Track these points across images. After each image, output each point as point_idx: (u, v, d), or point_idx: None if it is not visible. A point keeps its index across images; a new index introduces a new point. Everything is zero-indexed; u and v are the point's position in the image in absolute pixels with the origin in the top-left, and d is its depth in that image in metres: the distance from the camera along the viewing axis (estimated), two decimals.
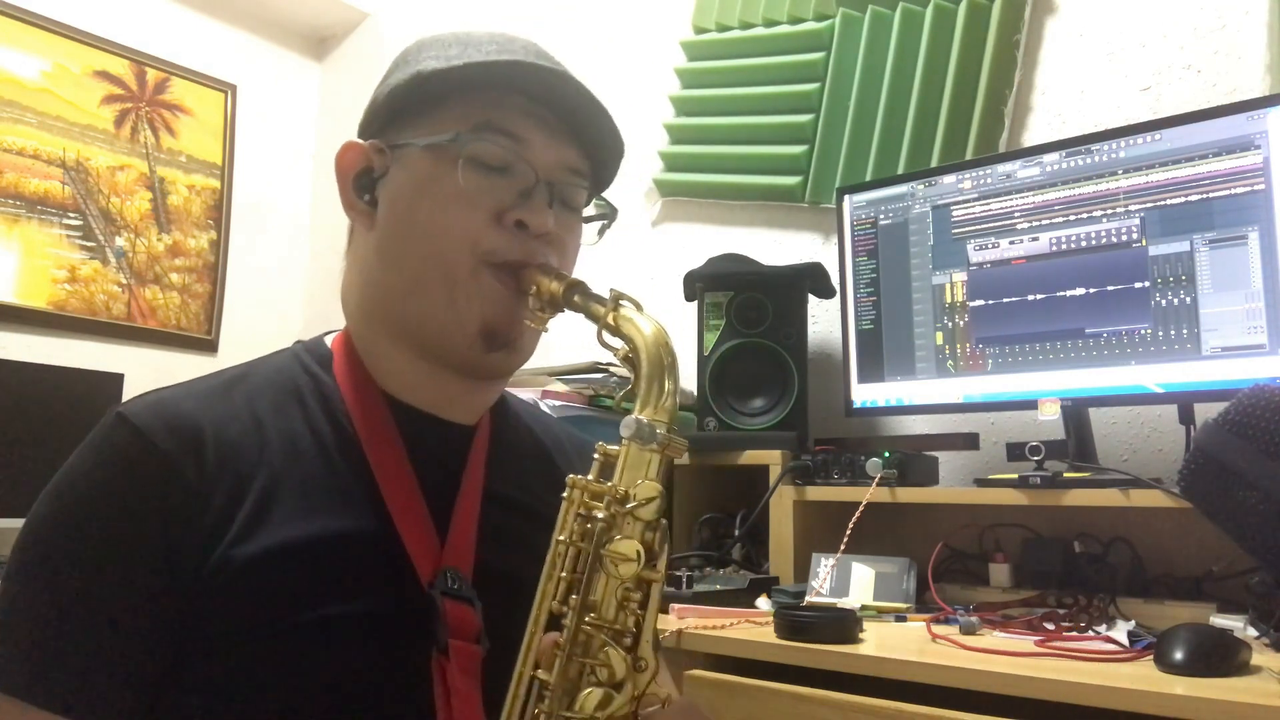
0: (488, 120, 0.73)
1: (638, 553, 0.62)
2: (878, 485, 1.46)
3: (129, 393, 2.21)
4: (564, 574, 0.63)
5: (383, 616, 0.67)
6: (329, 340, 0.81)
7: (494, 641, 0.69)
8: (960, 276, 1.56)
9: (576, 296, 0.71)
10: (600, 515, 0.63)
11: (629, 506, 0.63)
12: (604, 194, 0.83)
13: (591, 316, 0.70)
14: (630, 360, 0.68)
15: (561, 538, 0.64)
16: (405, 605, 0.67)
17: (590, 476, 0.65)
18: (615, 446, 0.66)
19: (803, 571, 1.52)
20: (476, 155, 0.72)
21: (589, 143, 0.78)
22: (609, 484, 0.64)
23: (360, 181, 0.78)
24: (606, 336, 0.70)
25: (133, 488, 0.64)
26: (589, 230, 0.82)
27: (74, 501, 0.65)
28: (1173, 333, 1.36)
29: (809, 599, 1.40)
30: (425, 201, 0.73)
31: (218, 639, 0.63)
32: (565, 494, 0.65)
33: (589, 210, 0.82)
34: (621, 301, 0.69)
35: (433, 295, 0.72)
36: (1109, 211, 1.43)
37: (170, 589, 0.63)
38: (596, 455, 0.66)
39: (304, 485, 0.69)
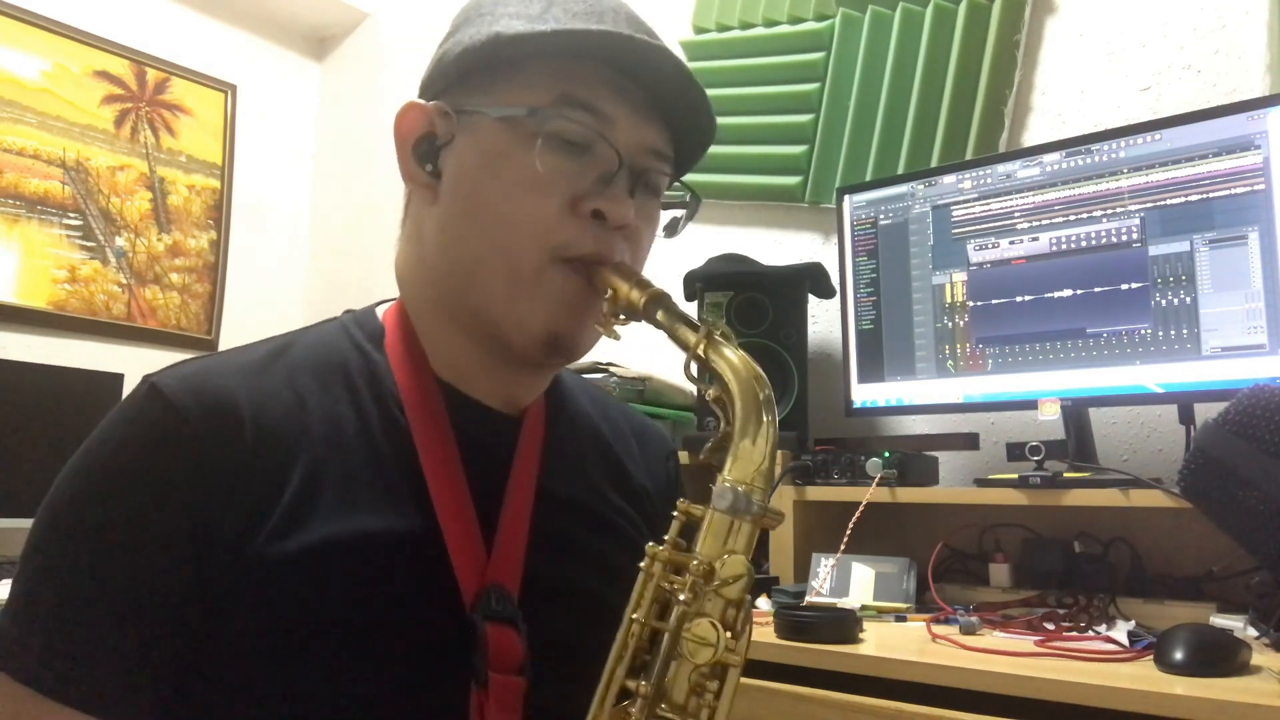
0: (570, 93, 0.65)
1: (718, 637, 0.55)
2: (878, 485, 1.46)
3: (130, 390, 2.21)
4: (632, 649, 0.58)
5: (419, 636, 0.62)
6: (380, 313, 0.74)
7: (540, 659, 0.63)
8: (960, 276, 1.56)
9: (660, 314, 0.64)
10: (682, 596, 0.57)
11: (714, 585, 0.56)
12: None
13: (679, 342, 0.63)
14: (720, 404, 0.61)
15: (636, 616, 0.58)
16: (444, 627, 0.62)
17: (668, 539, 0.59)
18: (698, 507, 0.59)
19: (803, 571, 1.52)
20: (555, 133, 0.64)
21: (678, 125, 0.70)
22: (691, 559, 0.57)
23: (421, 148, 0.69)
24: (693, 369, 0.63)
25: (161, 469, 0.60)
26: (663, 219, 0.74)
27: (97, 479, 0.60)
28: (1173, 333, 1.36)
29: (809, 599, 1.40)
30: (494, 181, 0.66)
31: (244, 637, 0.59)
32: (642, 566, 0.59)
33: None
34: (716, 333, 0.62)
35: (494, 287, 0.66)
36: (1109, 211, 1.43)
37: (195, 580, 0.58)
38: (677, 515, 0.60)
39: (346, 476, 0.63)
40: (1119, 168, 1.42)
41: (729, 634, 0.56)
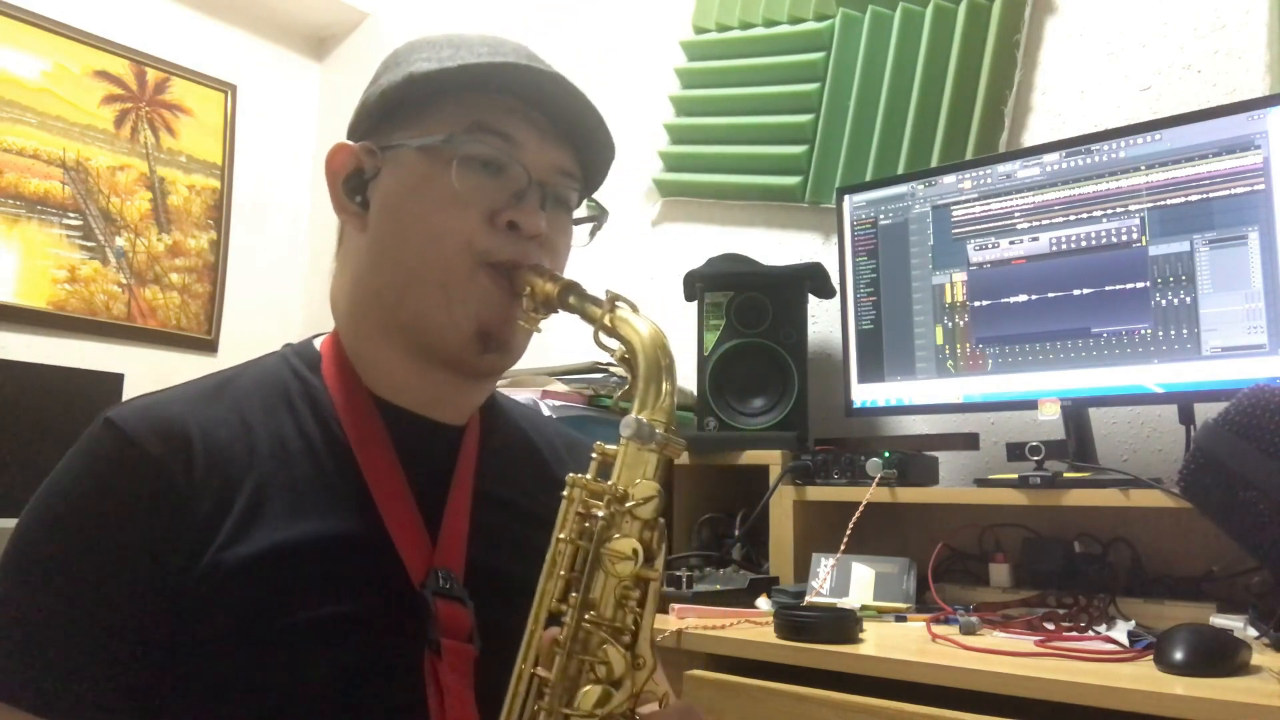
0: (481, 121, 0.73)
1: (635, 551, 0.62)
2: (878, 485, 1.46)
3: (129, 393, 2.21)
4: (563, 572, 0.64)
5: (374, 617, 0.67)
6: (318, 343, 0.81)
7: (486, 641, 0.69)
8: (960, 276, 1.56)
9: (571, 298, 0.71)
10: (599, 514, 0.63)
11: (628, 505, 0.63)
12: (596, 196, 0.83)
13: (587, 318, 0.70)
14: (627, 361, 0.68)
15: (562, 535, 0.64)
16: (396, 605, 0.67)
17: (589, 475, 0.66)
18: (613, 446, 0.66)
19: (803, 571, 1.52)
20: (470, 156, 0.72)
21: (581, 145, 0.78)
22: (608, 483, 0.64)
23: (351, 183, 0.77)
24: (603, 338, 0.70)
25: (121, 493, 0.64)
26: (580, 232, 0.82)
27: (62, 507, 0.65)
28: (1173, 333, 1.36)
29: (809, 599, 1.40)
30: (419, 202, 0.73)
31: (208, 643, 0.63)
32: (565, 492, 0.65)
33: (580, 212, 0.82)
34: (617, 303, 0.69)
35: (429, 296, 0.72)
36: (1109, 211, 1.43)
37: (160, 593, 0.63)
38: (594, 455, 0.66)
39: (293, 488, 0.69)
40: (1119, 168, 1.42)
41: (646, 551, 0.62)
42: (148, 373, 2.50)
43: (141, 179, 2.70)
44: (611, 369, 1.77)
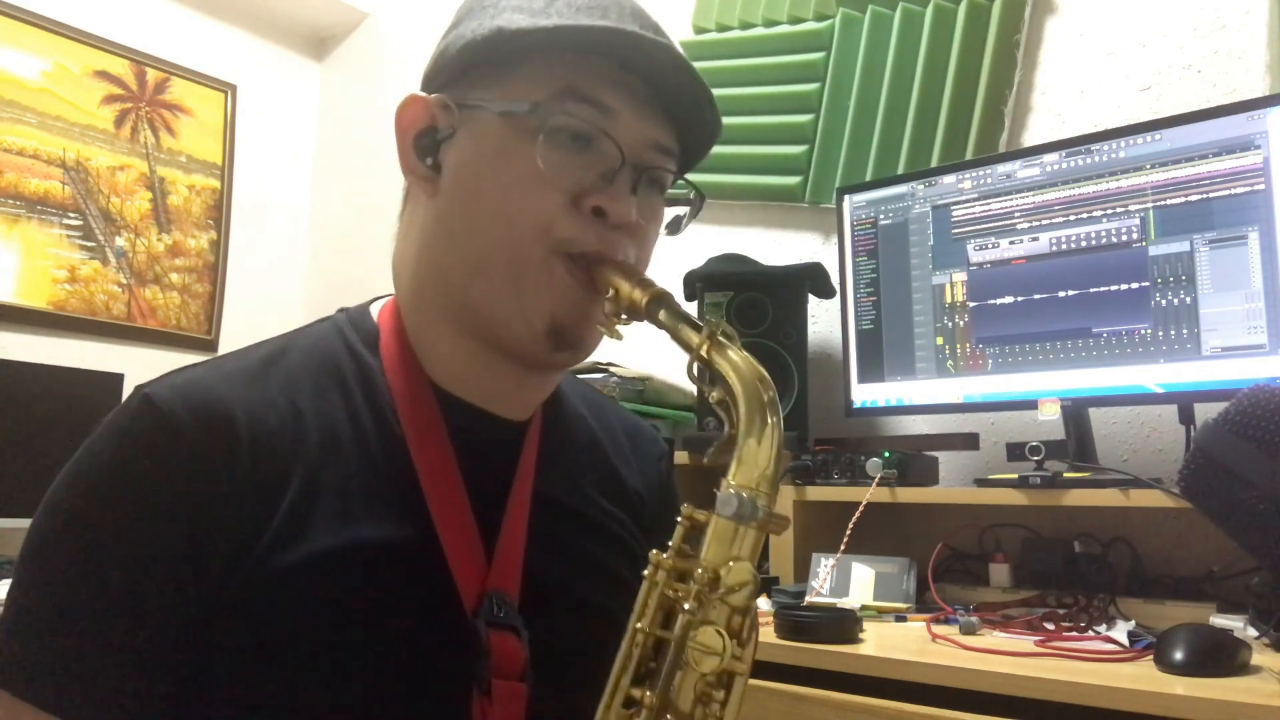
0: (572, 87, 0.64)
1: (724, 646, 0.54)
2: (878, 485, 1.46)
3: (128, 393, 2.21)
4: (636, 658, 0.57)
5: (421, 645, 0.61)
6: (375, 311, 0.73)
7: (540, 665, 0.63)
8: (960, 276, 1.56)
9: (663, 314, 0.63)
10: (687, 604, 0.56)
11: (719, 593, 0.55)
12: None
13: (682, 343, 0.62)
14: (724, 406, 0.59)
15: (640, 625, 0.57)
16: (446, 633, 0.62)
17: (672, 545, 0.58)
18: (702, 512, 0.58)
19: (803, 571, 1.52)
20: (558, 128, 0.64)
21: (682, 121, 0.69)
22: (696, 564, 0.56)
23: (422, 141, 0.68)
24: (695, 370, 0.62)
25: (155, 481, 0.59)
26: (667, 216, 0.73)
27: (90, 491, 0.60)
28: (1173, 333, 1.36)
29: (809, 599, 1.40)
30: (496, 177, 0.65)
31: (240, 652, 0.58)
32: (645, 572, 0.58)
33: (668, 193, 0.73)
34: (720, 334, 0.61)
35: (498, 282, 0.65)
36: (1109, 211, 1.43)
37: (194, 595, 0.58)
38: (682, 520, 0.59)
39: (343, 486, 0.63)
40: (1119, 168, 1.42)
41: (735, 642, 0.55)
42: (148, 373, 2.46)
43: (141, 179, 2.70)
44: (613, 368, 1.77)
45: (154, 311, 2.70)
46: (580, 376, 1.75)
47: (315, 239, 3.12)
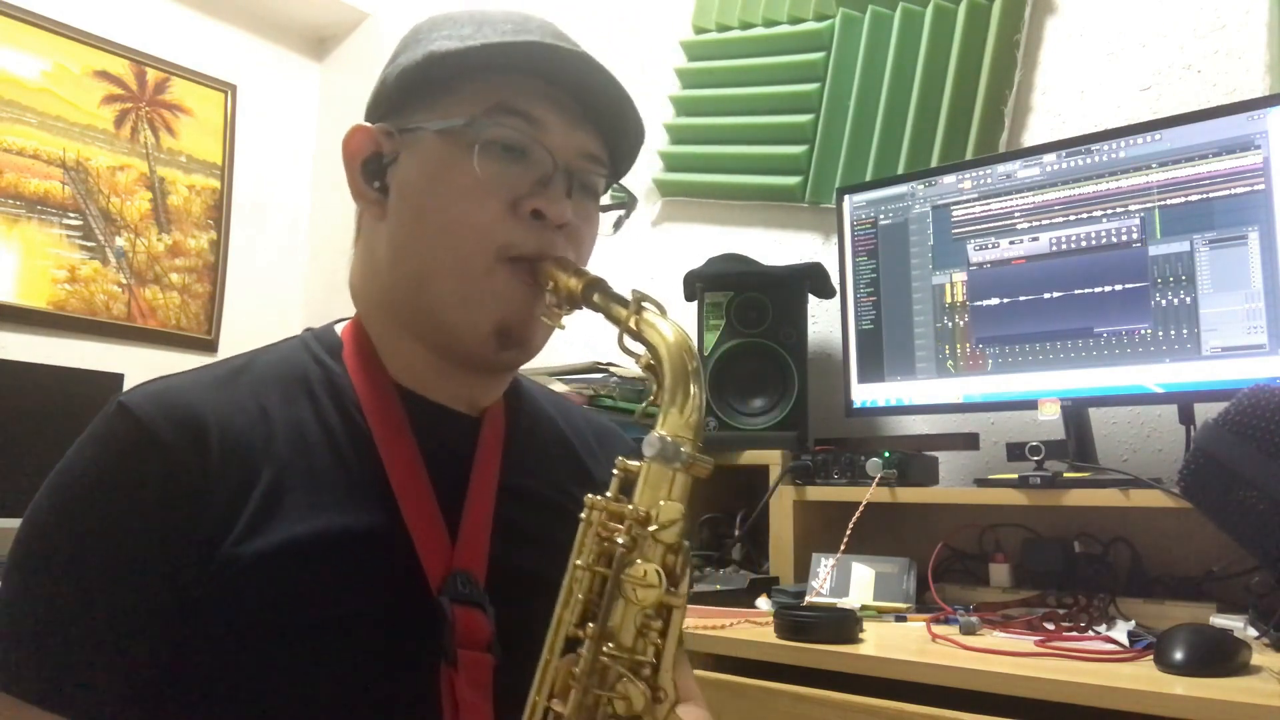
0: (503, 102, 0.69)
1: (659, 577, 0.58)
2: (878, 485, 1.46)
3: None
4: (581, 598, 0.61)
5: (389, 622, 0.64)
6: (339, 329, 0.78)
7: (507, 645, 0.66)
8: (960, 276, 1.56)
9: (596, 296, 0.68)
10: (620, 539, 0.60)
11: (650, 529, 0.59)
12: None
13: (612, 319, 0.67)
14: (652, 368, 0.64)
15: (579, 562, 0.61)
16: (412, 611, 0.65)
17: (609, 494, 0.62)
18: (635, 462, 0.62)
19: (803, 571, 1.52)
20: (492, 140, 0.69)
21: (609, 129, 0.74)
22: (629, 505, 0.61)
23: (369, 167, 0.74)
24: (628, 341, 0.66)
25: (134, 482, 0.62)
26: (605, 221, 0.78)
27: (73, 495, 0.63)
28: (1173, 333, 1.36)
29: (809, 599, 1.40)
30: (438, 190, 0.70)
31: (219, 638, 0.61)
32: (582, 514, 0.62)
33: (605, 199, 0.78)
34: (644, 304, 0.66)
35: (445, 291, 0.70)
36: (1109, 211, 1.43)
37: (173, 587, 0.61)
38: (616, 471, 0.63)
39: (312, 479, 0.66)
40: (1119, 168, 1.42)
41: (668, 576, 0.59)
42: (148, 373, 2.45)
43: (141, 179, 2.70)
44: (612, 369, 1.77)
45: (154, 311, 2.70)
46: (580, 376, 1.76)
47: (315, 239, 3.12)
